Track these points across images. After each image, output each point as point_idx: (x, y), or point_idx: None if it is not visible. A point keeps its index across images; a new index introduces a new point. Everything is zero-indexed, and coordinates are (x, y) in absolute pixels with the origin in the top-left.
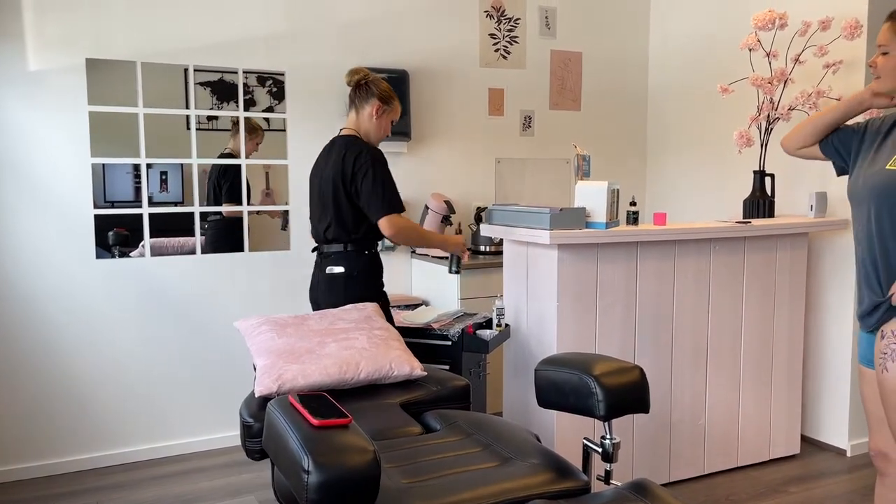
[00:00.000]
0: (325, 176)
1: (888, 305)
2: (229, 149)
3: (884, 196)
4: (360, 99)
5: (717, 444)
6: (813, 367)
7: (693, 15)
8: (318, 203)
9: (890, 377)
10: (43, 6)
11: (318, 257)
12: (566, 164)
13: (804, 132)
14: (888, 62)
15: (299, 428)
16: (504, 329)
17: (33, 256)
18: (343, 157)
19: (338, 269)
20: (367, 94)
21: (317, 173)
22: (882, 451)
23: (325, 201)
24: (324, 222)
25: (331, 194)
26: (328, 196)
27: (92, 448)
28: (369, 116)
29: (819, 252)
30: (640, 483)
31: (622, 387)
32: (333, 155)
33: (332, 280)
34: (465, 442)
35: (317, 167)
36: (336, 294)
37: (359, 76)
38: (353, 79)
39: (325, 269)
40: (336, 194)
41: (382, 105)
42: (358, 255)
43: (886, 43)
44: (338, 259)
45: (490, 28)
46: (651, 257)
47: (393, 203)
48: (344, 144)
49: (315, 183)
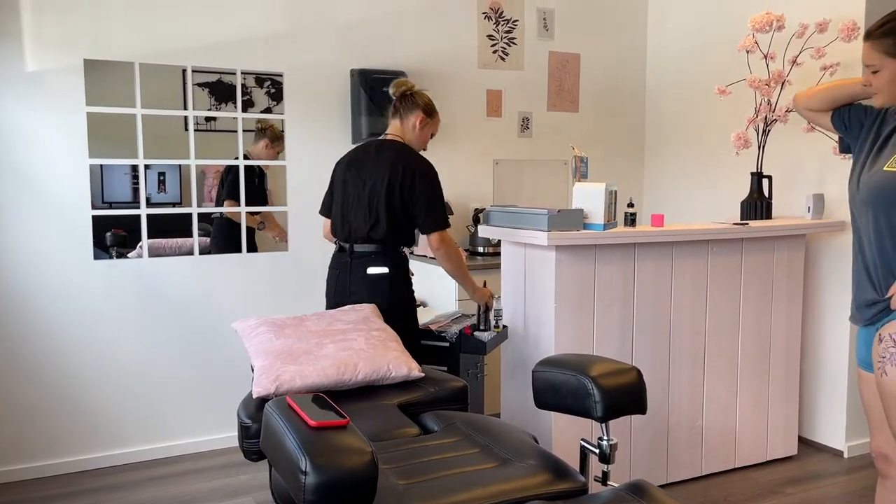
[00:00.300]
0: (375, 177)
1: (885, 305)
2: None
3: (882, 197)
4: (405, 109)
5: (714, 445)
6: (810, 369)
7: (691, 17)
8: (360, 202)
9: (889, 381)
10: (41, 6)
11: (343, 258)
12: (564, 165)
13: (821, 96)
14: (881, 78)
15: (297, 429)
16: (502, 330)
17: (31, 257)
18: (400, 164)
19: (382, 269)
20: (412, 105)
21: (359, 172)
22: (883, 452)
23: (375, 202)
24: (369, 222)
25: (384, 196)
26: (380, 197)
27: (89, 449)
28: (413, 127)
29: (816, 254)
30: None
31: (619, 388)
32: (385, 158)
33: (376, 281)
34: (462, 443)
35: (356, 166)
36: (381, 294)
37: (404, 87)
38: (398, 90)
39: (367, 270)
40: (390, 197)
41: (426, 117)
42: (400, 255)
43: (873, 62)
44: (379, 259)
45: (488, 29)
46: (649, 259)
47: (445, 219)
48: (397, 150)
49: (355, 181)
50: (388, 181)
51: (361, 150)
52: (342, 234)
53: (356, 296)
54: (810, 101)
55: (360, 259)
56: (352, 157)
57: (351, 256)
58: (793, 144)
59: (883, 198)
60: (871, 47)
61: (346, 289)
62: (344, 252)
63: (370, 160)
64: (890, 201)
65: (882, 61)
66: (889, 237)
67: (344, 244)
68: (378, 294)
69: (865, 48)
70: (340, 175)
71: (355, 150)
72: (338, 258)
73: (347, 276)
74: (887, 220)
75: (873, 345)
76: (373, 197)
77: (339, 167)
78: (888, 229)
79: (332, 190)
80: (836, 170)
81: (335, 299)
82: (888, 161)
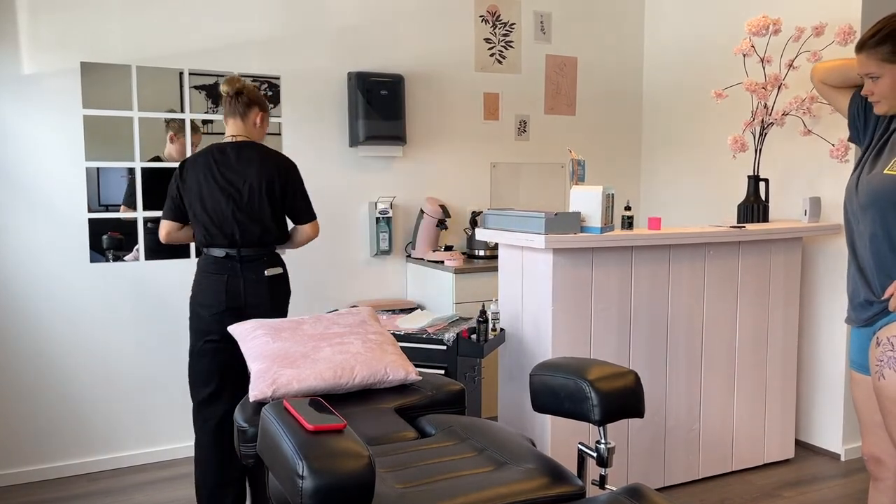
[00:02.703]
0: (249, 180)
1: (882, 307)
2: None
3: (881, 200)
4: (243, 107)
5: (711, 449)
6: (807, 372)
7: (687, 20)
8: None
9: (887, 384)
10: (38, 9)
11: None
12: (561, 168)
13: (840, 72)
14: (882, 85)
15: (294, 433)
16: (499, 333)
17: (27, 260)
18: (271, 164)
19: (277, 269)
20: (249, 102)
21: (224, 177)
22: (875, 455)
23: (257, 205)
24: (259, 227)
25: (266, 198)
26: (262, 200)
27: (83, 453)
28: (254, 124)
29: (813, 257)
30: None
31: (617, 391)
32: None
33: (274, 281)
34: (459, 447)
35: (218, 170)
36: (282, 293)
37: (238, 85)
38: (233, 87)
39: (265, 273)
40: (271, 199)
41: (264, 113)
42: (279, 254)
43: (871, 70)
44: (271, 260)
45: (485, 33)
46: (646, 262)
47: (312, 209)
48: (259, 151)
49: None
50: (265, 183)
51: (217, 154)
52: (223, 240)
53: (254, 298)
54: (829, 73)
55: (253, 263)
56: (206, 162)
57: (241, 262)
58: (789, 148)
59: (883, 201)
60: (868, 56)
61: (239, 293)
62: (230, 258)
63: (232, 164)
64: (889, 204)
65: (881, 68)
66: (886, 240)
67: (229, 250)
68: (280, 293)
69: (861, 59)
70: (196, 181)
71: (206, 155)
72: (221, 264)
73: (239, 280)
74: (884, 223)
75: (871, 348)
76: (253, 201)
77: (190, 172)
78: (884, 232)
79: (185, 195)
80: (832, 173)
81: (227, 304)
82: (889, 164)
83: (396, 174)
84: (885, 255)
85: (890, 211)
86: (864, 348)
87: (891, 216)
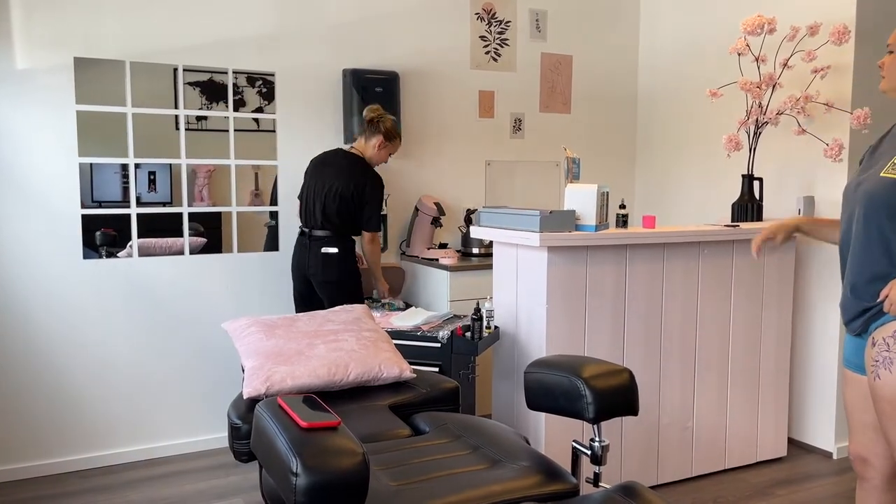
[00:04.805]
0: (336, 180)
1: (877, 310)
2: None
3: (875, 202)
4: (370, 131)
5: (704, 447)
6: (800, 370)
7: (682, 19)
8: (319, 198)
9: (883, 385)
10: (31, 4)
11: (304, 239)
12: (556, 166)
13: None
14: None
15: (288, 430)
16: (493, 331)
17: (19, 256)
18: (357, 174)
19: (333, 249)
20: (376, 130)
21: (323, 173)
22: (862, 455)
23: (331, 200)
24: (324, 215)
25: (338, 197)
26: (336, 197)
27: (77, 449)
28: (373, 147)
29: (806, 256)
30: (628, 486)
31: (611, 389)
32: (346, 167)
33: (328, 257)
34: (454, 444)
35: (323, 167)
36: (333, 268)
37: (374, 114)
38: (369, 115)
39: (321, 250)
40: (343, 199)
41: (385, 141)
42: (347, 239)
43: (890, 42)
44: (331, 242)
45: (480, 30)
46: (640, 260)
47: (379, 225)
48: (356, 163)
49: (319, 180)
50: (343, 186)
51: (331, 155)
52: (304, 220)
53: (313, 269)
54: None
55: (316, 241)
56: (321, 159)
57: (309, 238)
58: (784, 147)
59: (875, 202)
60: None
61: (305, 263)
62: (304, 235)
63: (334, 166)
64: (882, 206)
65: None
66: (878, 242)
67: (305, 228)
68: (330, 267)
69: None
70: (310, 172)
71: (325, 154)
72: (299, 240)
73: (307, 253)
74: (877, 225)
75: (866, 348)
76: (329, 196)
77: (311, 165)
78: (878, 234)
79: (304, 179)
80: (826, 172)
81: (295, 273)
82: (885, 167)
83: (391, 172)
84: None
85: (880, 212)
86: (858, 346)
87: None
